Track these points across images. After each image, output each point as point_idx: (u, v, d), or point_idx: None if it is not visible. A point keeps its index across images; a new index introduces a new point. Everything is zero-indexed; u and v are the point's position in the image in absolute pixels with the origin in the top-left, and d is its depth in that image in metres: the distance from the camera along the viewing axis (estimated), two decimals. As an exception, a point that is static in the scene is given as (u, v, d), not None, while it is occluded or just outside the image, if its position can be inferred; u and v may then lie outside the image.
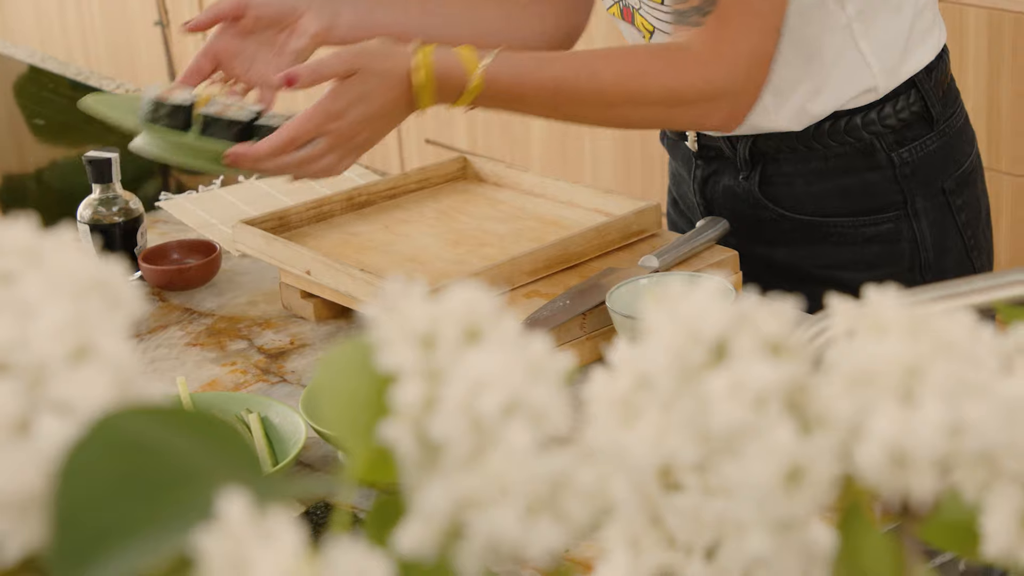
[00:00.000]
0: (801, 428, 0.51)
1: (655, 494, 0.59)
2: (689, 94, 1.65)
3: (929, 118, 1.81)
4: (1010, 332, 0.63)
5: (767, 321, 0.53)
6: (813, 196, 1.83)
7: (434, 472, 0.50)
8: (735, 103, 1.66)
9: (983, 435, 0.48)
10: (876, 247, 1.83)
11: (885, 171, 1.81)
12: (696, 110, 1.66)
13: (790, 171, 1.83)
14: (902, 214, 1.82)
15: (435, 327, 0.51)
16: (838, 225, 1.83)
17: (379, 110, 1.65)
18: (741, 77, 1.65)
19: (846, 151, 1.80)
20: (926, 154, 1.81)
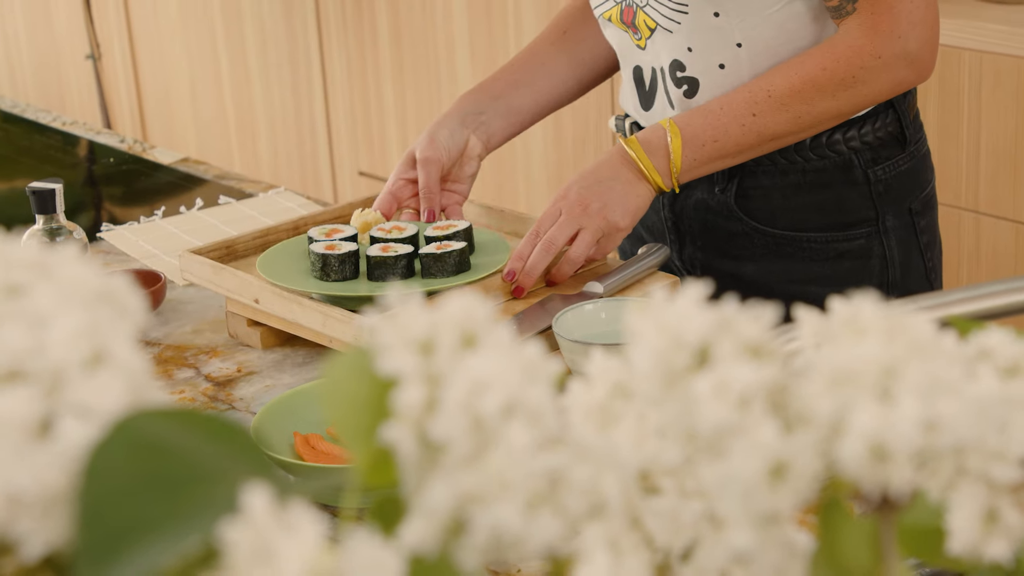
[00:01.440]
0: (783, 426, 0.53)
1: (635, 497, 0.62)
2: (862, 73, 1.74)
3: (903, 139, 1.87)
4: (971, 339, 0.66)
5: (748, 326, 0.55)
6: (789, 210, 1.87)
7: (435, 471, 0.52)
8: (918, 57, 1.75)
9: (956, 431, 0.51)
10: (847, 263, 1.88)
11: (861, 187, 1.86)
12: (878, 83, 1.75)
13: (768, 184, 1.87)
14: (874, 231, 1.87)
15: (433, 333, 0.53)
16: (811, 240, 1.88)
17: (593, 175, 1.79)
18: (912, 35, 1.74)
19: (825, 166, 1.85)
20: (898, 173, 1.87)
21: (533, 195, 3.67)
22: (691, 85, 1.83)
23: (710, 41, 1.79)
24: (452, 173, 1.96)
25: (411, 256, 1.77)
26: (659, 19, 1.81)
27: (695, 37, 1.80)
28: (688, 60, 1.82)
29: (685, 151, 1.77)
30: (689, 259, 1.97)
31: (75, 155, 2.70)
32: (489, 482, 0.50)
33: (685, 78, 1.83)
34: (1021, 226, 2.79)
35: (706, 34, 1.79)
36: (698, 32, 1.79)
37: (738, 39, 1.78)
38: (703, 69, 1.82)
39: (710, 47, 1.80)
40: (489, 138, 1.97)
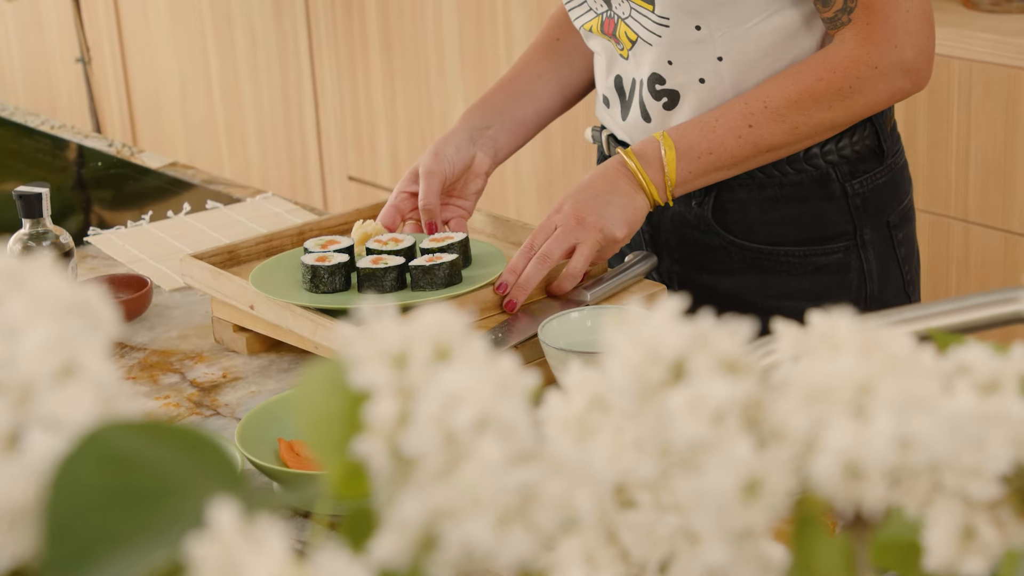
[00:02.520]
0: (758, 442, 0.53)
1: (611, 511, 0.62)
2: (859, 84, 1.74)
3: (880, 152, 1.87)
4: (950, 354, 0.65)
5: (723, 341, 0.55)
6: (766, 224, 1.87)
7: (407, 485, 0.51)
8: (914, 67, 1.75)
9: (931, 448, 0.51)
10: (825, 277, 1.88)
11: (839, 201, 1.85)
12: (875, 93, 1.75)
13: (745, 198, 1.87)
14: (851, 244, 1.87)
15: (406, 346, 0.53)
16: (789, 254, 1.87)
17: (589, 187, 1.78)
18: (908, 45, 1.74)
19: (802, 179, 1.84)
20: (875, 187, 1.87)
21: (523, 202, 3.67)
22: (671, 98, 1.83)
23: (690, 55, 1.79)
24: (456, 188, 1.95)
25: (402, 268, 1.77)
26: (640, 31, 1.81)
27: (675, 50, 1.79)
28: (668, 73, 1.81)
29: (680, 164, 1.76)
30: (666, 272, 1.97)
31: (63, 159, 2.69)
32: (460, 497, 0.50)
33: (665, 91, 1.83)
34: (1010, 235, 2.80)
35: (686, 48, 1.79)
36: (678, 45, 1.79)
37: (719, 52, 1.78)
38: (684, 82, 1.81)
39: (690, 60, 1.80)
40: (496, 152, 1.97)
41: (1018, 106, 2.73)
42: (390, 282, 1.76)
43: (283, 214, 2.28)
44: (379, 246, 1.83)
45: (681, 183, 1.78)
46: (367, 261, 1.78)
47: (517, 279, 1.75)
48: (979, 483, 0.60)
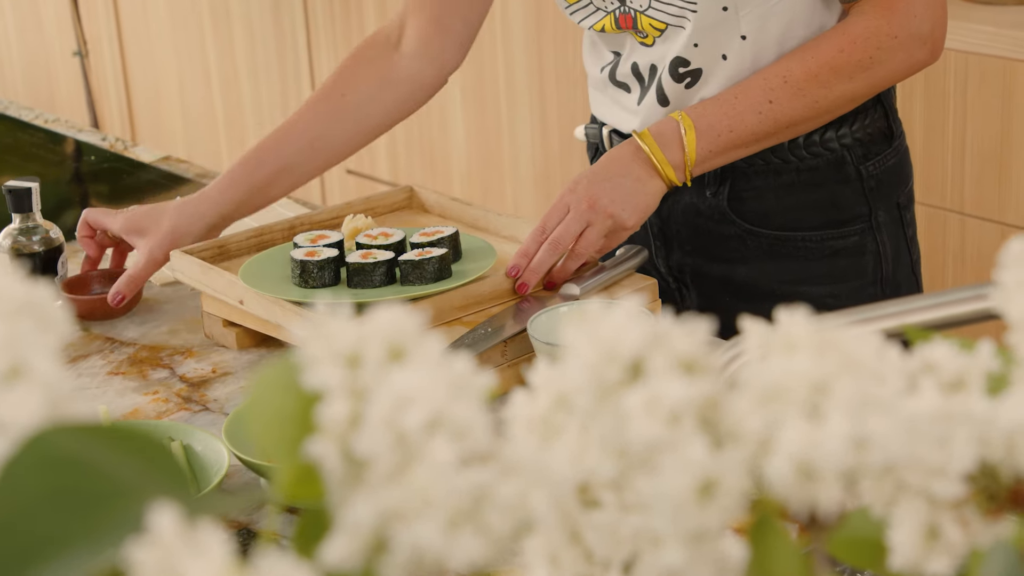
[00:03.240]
0: (714, 443, 0.53)
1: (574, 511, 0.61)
2: (880, 54, 1.74)
3: (890, 134, 1.88)
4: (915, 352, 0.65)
5: (681, 340, 0.55)
6: (783, 210, 1.87)
7: (359, 487, 0.51)
8: (931, 37, 1.76)
9: (886, 449, 0.50)
10: (842, 260, 1.88)
11: (854, 184, 1.86)
12: (894, 63, 1.75)
13: (761, 185, 1.86)
14: (867, 227, 1.87)
15: (360, 347, 0.53)
16: (806, 239, 1.87)
17: (603, 170, 1.76)
18: (926, 15, 1.74)
19: (818, 164, 1.85)
20: (887, 168, 1.88)
21: (520, 195, 3.66)
22: (694, 76, 1.82)
23: (716, 35, 1.79)
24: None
25: (391, 263, 1.76)
26: (667, 19, 1.80)
27: (702, 33, 1.79)
28: (692, 54, 1.81)
29: (700, 142, 1.75)
30: (677, 265, 1.96)
31: (58, 153, 2.69)
32: (411, 499, 0.49)
33: (688, 72, 1.82)
34: (1007, 227, 2.79)
35: (713, 29, 1.78)
36: (705, 28, 1.78)
37: (743, 31, 1.78)
38: (707, 61, 1.81)
39: (716, 40, 1.79)
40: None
41: (1014, 98, 2.72)
42: (379, 277, 1.75)
43: (275, 208, 2.27)
44: (369, 240, 1.83)
45: (700, 162, 1.76)
46: (356, 256, 1.77)
47: (529, 263, 1.75)
48: (943, 482, 0.59)
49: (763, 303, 1.90)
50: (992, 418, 0.59)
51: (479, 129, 3.71)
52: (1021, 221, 2.77)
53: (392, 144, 3.93)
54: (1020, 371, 0.62)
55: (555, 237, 1.75)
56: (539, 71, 3.53)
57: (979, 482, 0.62)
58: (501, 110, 3.65)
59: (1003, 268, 0.64)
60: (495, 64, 3.61)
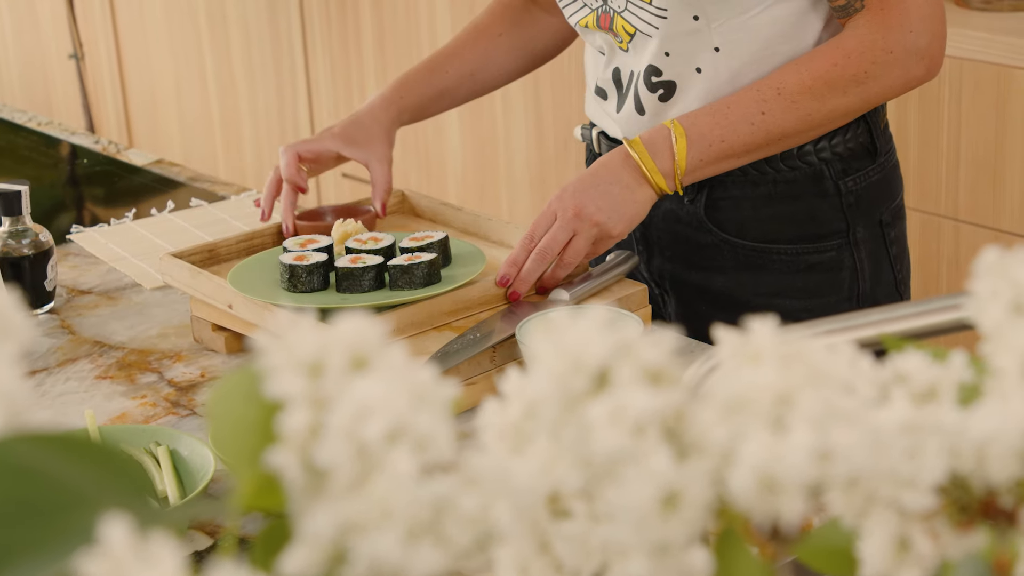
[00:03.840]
0: (679, 454, 0.52)
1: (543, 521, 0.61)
2: (874, 69, 1.73)
3: (873, 150, 1.86)
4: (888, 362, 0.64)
5: (647, 350, 0.54)
6: (759, 221, 1.86)
7: (320, 498, 0.51)
8: (928, 52, 1.74)
9: (851, 461, 0.50)
10: (817, 275, 1.87)
11: (832, 199, 1.85)
12: (889, 79, 1.74)
13: (738, 195, 1.85)
14: (844, 243, 1.86)
15: (322, 355, 0.52)
16: (781, 252, 1.86)
17: (592, 178, 1.76)
18: (922, 30, 1.73)
19: (796, 177, 1.84)
20: (868, 185, 1.86)
21: (515, 199, 3.66)
22: (667, 89, 1.82)
23: (688, 45, 1.78)
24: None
25: (380, 268, 1.76)
26: (638, 24, 1.80)
27: (673, 42, 1.78)
28: (664, 64, 1.80)
29: (691, 152, 1.74)
30: (658, 271, 1.96)
31: (51, 156, 2.68)
32: (370, 510, 0.49)
33: (661, 82, 1.82)
34: (1001, 234, 2.78)
35: (684, 38, 1.78)
36: (676, 37, 1.78)
37: (716, 43, 1.77)
38: (679, 72, 1.80)
39: (688, 51, 1.78)
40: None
41: (1009, 104, 2.71)
42: (368, 281, 1.75)
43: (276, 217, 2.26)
44: (359, 245, 1.82)
45: (691, 171, 1.76)
46: (346, 260, 1.77)
47: (518, 272, 1.75)
48: (913, 494, 0.59)
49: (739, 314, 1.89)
50: (963, 429, 0.58)
51: (474, 133, 3.71)
52: (1015, 227, 2.76)
53: (388, 148, 3.92)
54: (992, 382, 0.62)
55: (542, 247, 1.75)
56: (534, 75, 3.53)
57: (950, 494, 0.61)
58: (496, 114, 3.65)
59: (976, 278, 0.64)
60: (491, 68, 3.61)
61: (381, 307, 1.71)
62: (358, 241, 1.83)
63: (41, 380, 1.78)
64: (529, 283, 1.76)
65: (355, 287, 1.75)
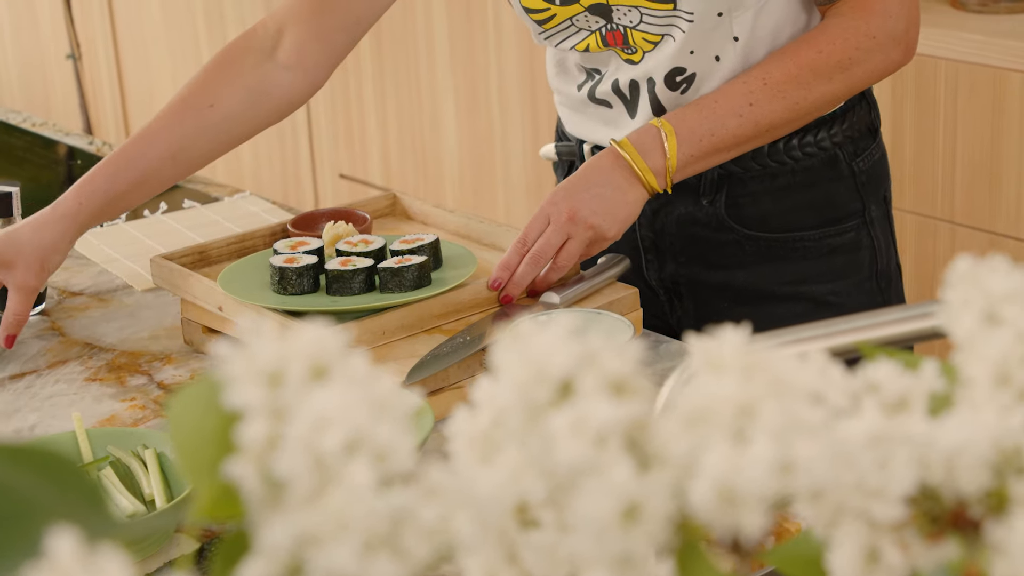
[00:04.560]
0: (642, 466, 0.52)
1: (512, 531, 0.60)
2: (858, 54, 1.75)
3: (874, 129, 1.90)
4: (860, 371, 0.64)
5: (611, 360, 0.54)
6: (781, 212, 1.87)
7: (278, 509, 0.50)
8: (905, 38, 1.77)
9: (813, 474, 0.49)
10: (839, 257, 1.89)
11: (847, 181, 1.87)
12: (872, 64, 1.76)
13: (757, 189, 1.86)
14: (861, 222, 1.89)
15: (282, 365, 0.52)
16: (804, 239, 1.88)
17: (583, 180, 1.75)
18: (901, 15, 1.76)
19: (813, 164, 1.85)
20: (874, 163, 1.90)
21: (511, 201, 3.65)
22: (688, 82, 1.82)
23: (711, 40, 1.78)
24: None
25: (370, 270, 1.75)
26: (661, 31, 1.78)
27: (697, 40, 1.78)
28: (688, 61, 1.80)
29: (681, 148, 1.74)
30: (671, 276, 1.95)
31: (44, 157, 2.68)
32: (327, 522, 0.48)
33: (684, 78, 1.81)
34: (997, 237, 2.78)
35: (707, 34, 1.78)
36: (701, 34, 1.78)
37: (736, 33, 1.78)
38: (700, 64, 1.80)
39: (710, 45, 1.79)
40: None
41: (1004, 107, 2.71)
42: (358, 284, 1.74)
43: (260, 213, 2.26)
44: (349, 248, 1.82)
45: (682, 167, 1.76)
46: (336, 263, 1.76)
47: (511, 276, 1.75)
48: (882, 505, 0.58)
49: (764, 305, 1.92)
50: (932, 440, 0.58)
51: (471, 135, 3.71)
52: (1011, 230, 2.76)
53: (385, 149, 3.92)
54: (964, 391, 0.61)
55: (536, 251, 1.74)
56: (531, 77, 3.53)
57: (921, 504, 0.61)
58: (493, 116, 3.65)
59: (949, 286, 0.63)
60: (487, 70, 3.60)
61: (371, 310, 1.71)
62: (348, 243, 1.83)
63: (31, 382, 1.77)
64: (522, 287, 1.75)
65: (345, 289, 1.74)
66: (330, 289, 1.75)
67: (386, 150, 3.93)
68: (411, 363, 1.64)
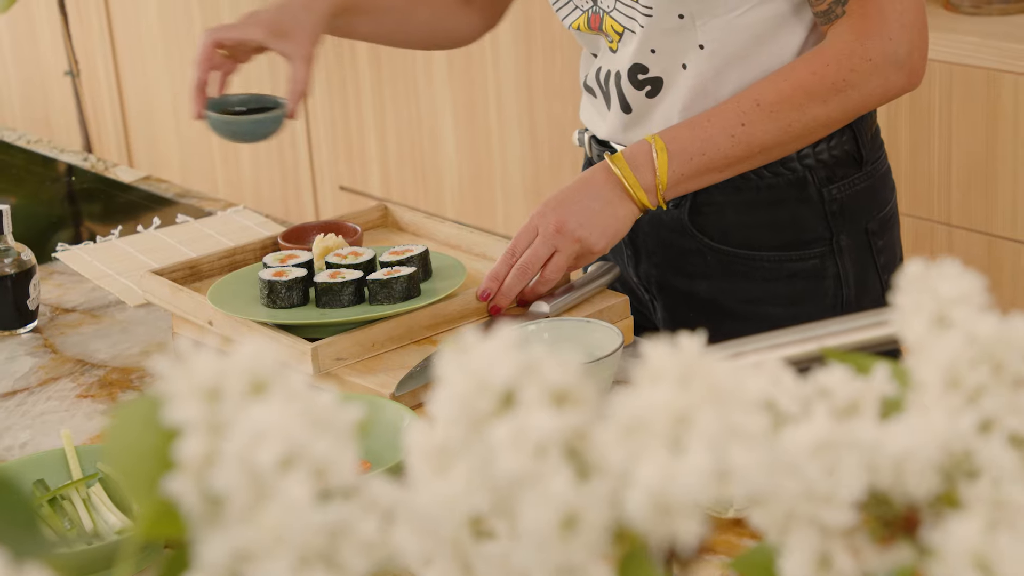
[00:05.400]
0: (582, 476, 0.52)
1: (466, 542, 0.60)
2: (854, 77, 1.71)
3: (859, 158, 1.84)
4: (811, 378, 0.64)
5: (553, 371, 0.54)
6: (742, 227, 1.84)
7: (217, 525, 0.50)
8: (908, 62, 1.73)
9: (750, 481, 0.49)
10: (800, 283, 1.85)
11: (815, 206, 1.83)
12: (869, 87, 1.72)
13: (721, 200, 1.84)
14: (827, 250, 1.84)
15: (221, 381, 0.52)
16: (764, 259, 1.85)
17: (574, 193, 1.75)
18: (903, 39, 1.72)
19: (779, 182, 1.82)
20: (853, 193, 1.84)
21: (510, 207, 3.65)
22: (654, 85, 1.81)
23: (673, 42, 1.77)
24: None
25: (359, 282, 1.75)
26: (625, 22, 1.79)
27: (658, 39, 1.77)
28: (650, 61, 1.79)
29: (672, 165, 1.74)
30: (645, 275, 1.95)
31: (39, 174, 2.69)
32: (262, 537, 0.48)
33: (648, 79, 1.81)
34: (993, 239, 2.77)
35: (669, 36, 1.77)
36: (661, 34, 1.77)
37: (701, 41, 1.76)
38: (665, 69, 1.79)
39: (673, 49, 1.78)
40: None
41: (999, 108, 2.71)
42: (348, 296, 1.74)
43: (253, 227, 2.26)
44: (339, 260, 1.82)
45: (672, 186, 1.75)
46: (325, 275, 1.76)
47: (499, 286, 1.75)
48: (832, 510, 0.58)
49: (724, 321, 1.90)
50: (880, 445, 0.58)
51: (470, 144, 3.71)
52: (1007, 232, 2.75)
53: (384, 160, 3.93)
54: (915, 395, 0.61)
55: (523, 262, 1.74)
56: (528, 85, 3.53)
57: (872, 509, 0.61)
58: (491, 125, 3.65)
59: (900, 291, 0.63)
60: (485, 79, 3.61)
61: (360, 322, 1.71)
62: (338, 256, 1.83)
63: (22, 400, 1.78)
64: (510, 298, 1.76)
65: (334, 302, 1.74)
66: (319, 302, 1.75)
67: (385, 162, 3.93)
68: (401, 375, 1.64)
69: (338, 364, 1.67)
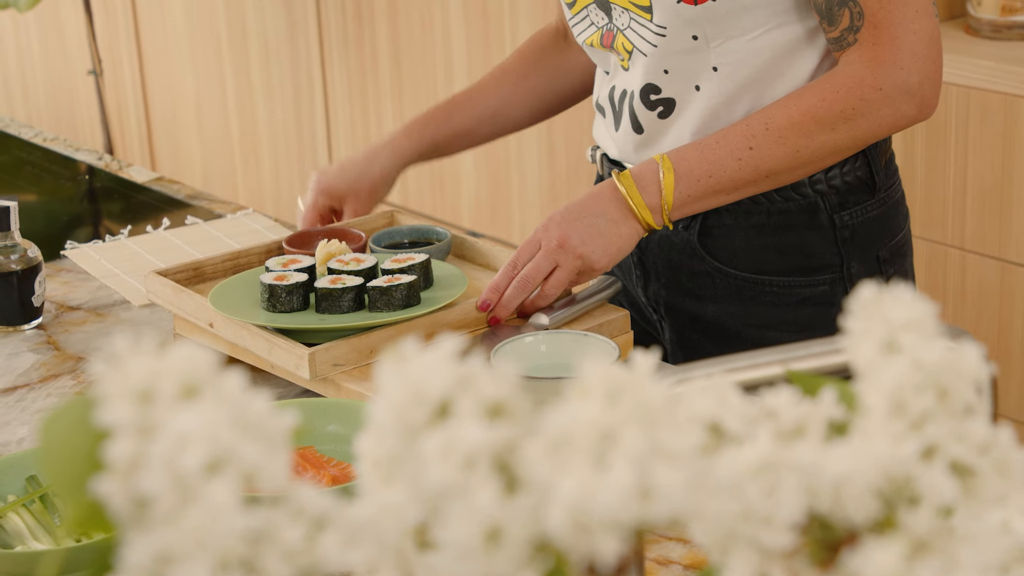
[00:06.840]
0: (510, 490, 0.52)
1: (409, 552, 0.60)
2: (863, 106, 1.70)
3: (872, 185, 1.83)
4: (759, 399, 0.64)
5: (488, 383, 0.54)
6: (752, 251, 1.83)
7: (143, 527, 0.50)
8: (920, 92, 1.71)
9: (673, 500, 0.49)
10: (809, 309, 1.84)
11: (826, 232, 1.82)
12: (878, 116, 1.71)
13: (731, 224, 1.83)
14: (837, 277, 1.83)
15: (153, 383, 0.52)
16: (773, 284, 1.84)
17: (579, 209, 1.76)
18: (914, 68, 1.70)
19: (790, 208, 1.81)
20: (866, 220, 1.83)
21: (527, 220, 3.65)
22: (667, 106, 1.80)
23: (687, 64, 1.77)
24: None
25: (360, 289, 1.76)
26: (637, 42, 1.79)
27: (671, 60, 1.77)
28: (663, 82, 1.79)
29: (678, 186, 1.73)
30: (654, 296, 1.94)
31: (53, 173, 2.70)
32: (184, 540, 0.48)
33: (660, 100, 1.81)
34: (1007, 264, 2.76)
35: (682, 57, 1.77)
36: (674, 55, 1.77)
37: (714, 63, 1.76)
38: (679, 90, 1.79)
39: (687, 70, 1.77)
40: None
41: (1016, 134, 2.70)
42: (347, 303, 1.75)
43: (261, 231, 2.27)
44: (340, 266, 1.82)
45: (679, 207, 1.74)
46: (325, 281, 1.77)
47: (500, 298, 1.75)
48: (771, 532, 0.58)
49: (730, 344, 1.89)
50: (820, 468, 0.58)
51: (488, 155, 3.71)
52: (1022, 257, 2.74)
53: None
54: (860, 419, 0.61)
55: (524, 276, 1.74)
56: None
57: (812, 532, 0.61)
58: (509, 137, 3.65)
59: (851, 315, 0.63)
60: (504, 90, 3.61)
61: (359, 328, 1.71)
62: (340, 262, 1.83)
63: (22, 396, 1.78)
64: (510, 310, 1.76)
65: (334, 308, 1.75)
66: (319, 307, 1.75)
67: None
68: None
69: (335, 370, 1.67)
